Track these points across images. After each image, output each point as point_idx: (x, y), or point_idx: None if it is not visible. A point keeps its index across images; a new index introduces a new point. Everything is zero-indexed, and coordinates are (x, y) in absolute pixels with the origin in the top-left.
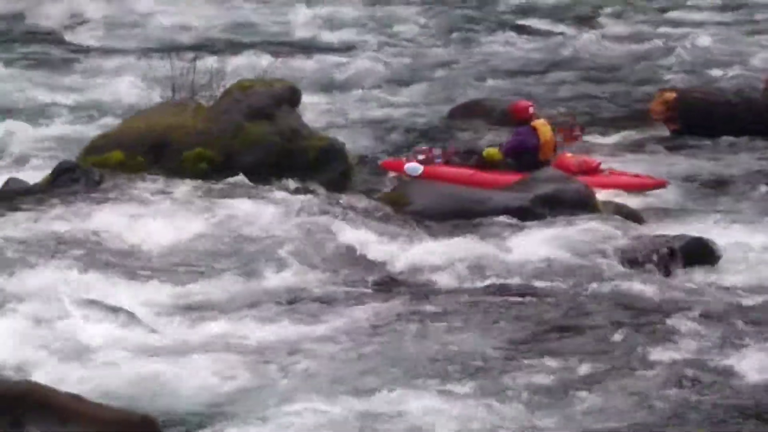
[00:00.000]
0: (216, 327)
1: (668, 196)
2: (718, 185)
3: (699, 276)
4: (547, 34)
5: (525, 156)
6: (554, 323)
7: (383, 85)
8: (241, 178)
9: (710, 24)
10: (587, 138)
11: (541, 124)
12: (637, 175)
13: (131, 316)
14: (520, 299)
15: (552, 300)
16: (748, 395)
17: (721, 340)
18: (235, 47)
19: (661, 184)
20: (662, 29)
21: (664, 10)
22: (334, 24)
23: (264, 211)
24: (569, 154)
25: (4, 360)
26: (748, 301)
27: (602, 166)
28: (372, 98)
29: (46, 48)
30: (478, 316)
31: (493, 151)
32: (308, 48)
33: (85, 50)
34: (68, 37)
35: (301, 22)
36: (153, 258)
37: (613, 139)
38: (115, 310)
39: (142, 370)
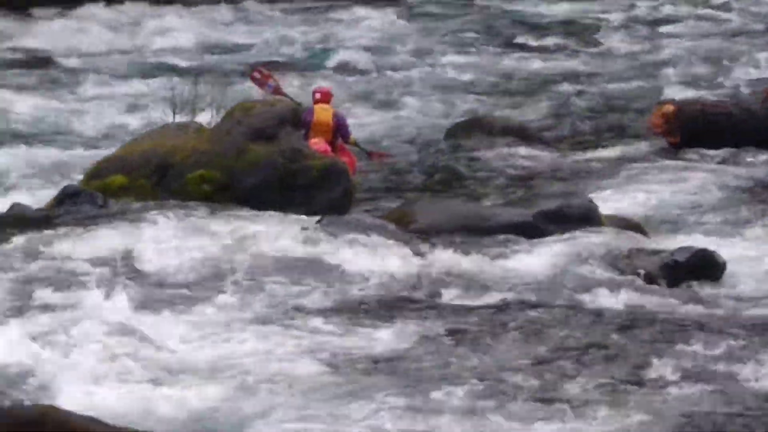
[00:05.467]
0: (223, 350)
1: (672, 208)
2: (721, 197)
3: (704, 288)
4: (545, 50)
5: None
6: (561, 339)
7: (382, 103)
8: (244, 199)
9: (707, 36)
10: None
11: (320, 108)
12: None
13: (142, 338)
14: (526, 316)
15: (558, 316)
16: (755, 407)
17: (727, 352)
18: (236, 68)
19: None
20: (660, 42)
21: (660, 24)
22: (333, 43)
23: (267, 233)
24: (316, 140)
25: (19, 384)
26: (753, 313)
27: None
28: (372, 117)
29: (43, 72)
30: (487, 334)
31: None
32: (308, 67)
33: (83, 74)
34: (65, 61)
35: (301, 42)
36: (158, 280)
37: (612, 152)
38: (125, 332)
39: (156, 392)
